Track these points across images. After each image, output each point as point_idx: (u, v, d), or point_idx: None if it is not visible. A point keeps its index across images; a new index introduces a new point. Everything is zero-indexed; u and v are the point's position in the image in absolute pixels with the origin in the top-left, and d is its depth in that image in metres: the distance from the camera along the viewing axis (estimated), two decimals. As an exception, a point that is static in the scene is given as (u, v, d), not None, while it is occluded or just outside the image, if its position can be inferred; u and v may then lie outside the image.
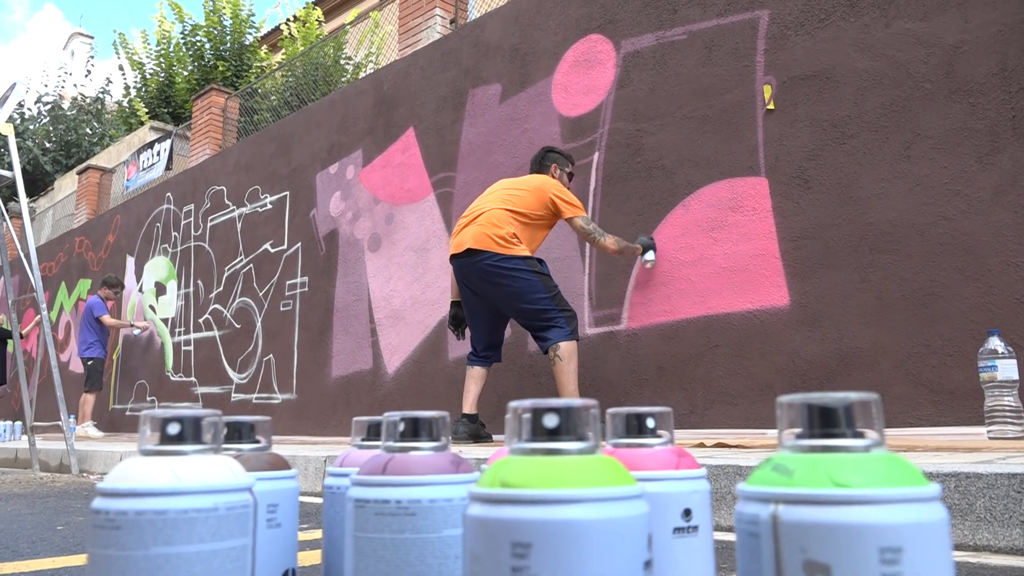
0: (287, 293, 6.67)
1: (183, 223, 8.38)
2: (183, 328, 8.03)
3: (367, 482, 0.71)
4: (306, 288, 6.48)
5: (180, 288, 8.21)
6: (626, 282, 4.26)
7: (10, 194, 10.94)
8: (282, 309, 6.68)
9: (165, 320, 8.35)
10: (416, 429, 0.74)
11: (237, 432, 0.87)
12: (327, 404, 6.05)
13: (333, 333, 6.10)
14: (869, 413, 0.54)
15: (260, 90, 9.67)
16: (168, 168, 10.06)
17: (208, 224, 7.95)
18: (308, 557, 1.56)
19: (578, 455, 0.54)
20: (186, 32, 12.95)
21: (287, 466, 0.87)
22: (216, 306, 7.57)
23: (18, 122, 17.09)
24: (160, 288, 8.59)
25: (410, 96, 5.85)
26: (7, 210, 6.80)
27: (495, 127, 5.14)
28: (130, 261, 9.32)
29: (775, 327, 3.65)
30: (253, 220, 7.29)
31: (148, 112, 13.01)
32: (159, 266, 8.68)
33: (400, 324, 5.54)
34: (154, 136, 11.16)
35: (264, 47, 13.98)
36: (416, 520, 0.68)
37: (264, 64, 13.14)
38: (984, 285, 3.11)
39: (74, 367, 9.62)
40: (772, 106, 3.81)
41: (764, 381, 3.64)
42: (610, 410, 0.77)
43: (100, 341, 8.13)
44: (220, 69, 12.61)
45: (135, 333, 8.64)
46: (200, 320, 7.78)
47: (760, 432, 3.54)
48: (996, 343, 2.63)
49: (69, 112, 17.51)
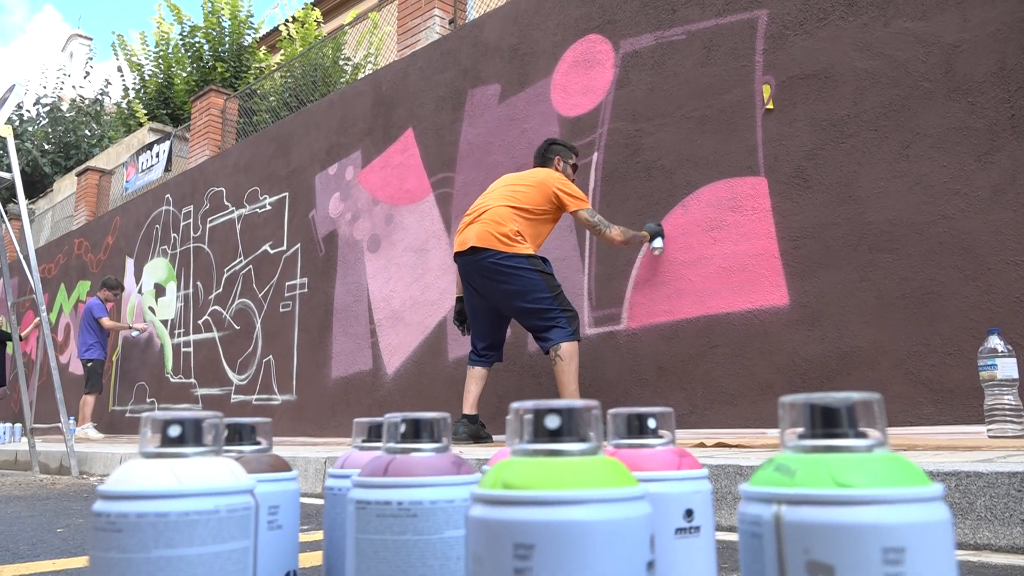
0: (287, 294, 6.67)
1: (182, 224, 8.37)
2: (182, 329, 8.03)
3: (368, 484, 0.71)
4: (305, 289, 6.48)
5: (179, 289, 8.21)
6: (626, 282, 4.26)
7: (9, 196, 10.94)
8: (282, 310, 6.68)
9: (164, 321, 8.35)
10: (417, 430, 0.74)
11: (238, 434, 0.87)
12: (327, 405, 6.05)
13: (333, 334, 6.10)
14: (871, 413, 0.54)
15: (259, 91, 9.67)
16: (167, 169, 10.06)
17: (207, 225, 7.95)
18: (309, 558, 1.56)
19: (580, 456, 0.54)
20: (185, 33, 12.95)
21: (288, 468, 0.87)
22: (215, 307, 7.57)
23: (17, 124, 17.08)
24: (159, 289, 8.59)
25: (409, 97, 5.85)
26: (6, 212, 6.79)
27: (494, 127, 5.14)
28: (129, 263, 9.31)
29: (775, 327, 3.65)
30: (252, 221, 7.29)
31: (147, 113, 13.00)
32: (158, 267, 8.68)
33: (400, 325, 5.54)
34: (153, 137, 11.16)
35: (263, 48, 13.98)
36: (418, 521, 0.68)
37: (263, 65, 13.14)
38: (983, 284, 3.11)
39: (74, 369, 9.62)
40: (771, 106, 3.81)
41: (764, 381, 3.64)
42: (611, 411, 0.77)
43: (100, 343, 8.14)
44: (219, 70, 12.61)
45: (134, 335, 8.64)
46: (199, 321, 7.78)
47: (760, 432, 3.54)
48: (996, 342, 2.63)
49: (68, 114, 17.51)
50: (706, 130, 4.04)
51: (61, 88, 18.92)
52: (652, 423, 0.77)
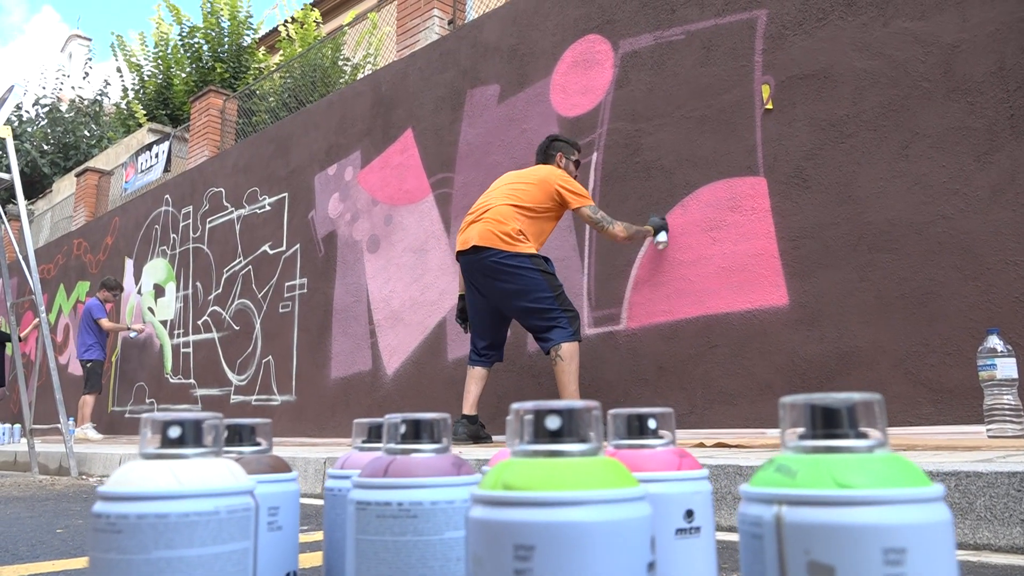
0: (286, 295, 6.67)
1: (182, 225, 8.37)
2: (182, 330, 8.03)
3: (368, 484, 0.71)
4: (305, 289, 6.48)
5: (179, 290, 8.20)
6: (625, 282, 4.26)
7: (8, 196, 10.93)
8: (281, 311, 6.68)
9: (164, 322, 8.35)
10: (417, 431, 0.74)
11: (238, 435, 0.87)
12: (326, 405, 6.05)
13: (332, 334, 6.10)
14: (872, 413, 0.54)
15: (258, 92, 9.66)
16: (166, 170, 10.05)
17: (207, 226, 7.94)
18: (308, 559, 1.56)
19: (580, 457, 0.54)
20: (184, 34, 12.95)
21: (288, 469, 0.87)
22: (215, 308, 7.57)
23: (16, 124, 17.07)
24: (159, 290, 8.58)
25: (408, 97, 5.85)
26: (5, 213, 6.79)
27: (493, 128, 5.14)
28: (129, 263, 9.31)
29: (774, 327, 3.65)
30: (252, 222, 7.28)
31: (146, 114, 13.00)
32: (158, 268, 8.68)
33: (399, 325, 5.54)
34: (152, 138, 11.15)
35: (262, 48, 13.98)
36: (418, 522, 0.68)
37: (262, 66, 13.14)
38: (983, 284, 3.11)
39: (73, 369, 9.62)
40: (770, 106, 3.81)
41: (763, 381, 3.64)
42: (611, 411, 0.77)
43: (99, 343, 8.13)
44: (218, 71, 12.60)
45: (131, 336, 8.65)
46: (199, 322, 7.78)
47: (760, 432, 3.54)
48: (995, 342, 2.63)
49: (67, 114, 17.51)
50: (705, 130, 4.04)
51: (60, 89, 18.92)
52: (652, 424, 0.77)
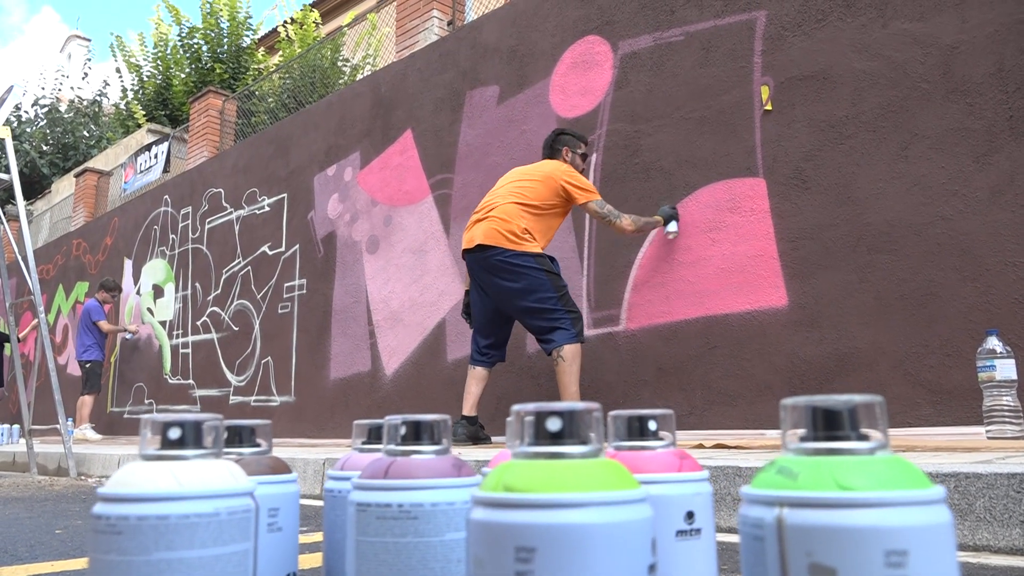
0: (285, 295, 6.66)
1: (181, 225, 8.37)
2: (181, 331, 8.02)
3: (369, 486, 0.71)
4: (304, 290, 6.47)
5: (178, 291, 8.20)
6: (625, 283, 4.26)
7: (7, 197, 10.92)
8: (280, 311, 6.68)
9: (163, 323, 8.34)
10: (417, 433, 0.74)
11: (238, 436, 0.87)
12: (326, 406, 6.04)
13: (331, 335, 6.10)
14: (873, 415, 0.54)
15: (257, 92, 9.66)
16: (166, 171, 10.05)
17: (206, 226, 7.94)
18: (307, 560, 1.56)
19: (581, 459, 0.54)
20: (183, 34, 12.95)
21: (288, 470, 0.87)
22: (214, 308, 7.56)
23: (15, 125, 17.06)
24: (158, 291, 8.58)
25: (408, 98, 5.85)
26: (4, 213, 6.77)
27: (493, 128, 5.14)
28: (128, 264, 9.30)
29: (774, 328, 3.65)
30: (251, 222, 7.28)
31: (145, 115, 12.99)
32: (157, 269, 8.67)
33: (399, 326, 5.53)
34: (151, 139, 11.15)
35: (261, 49, 13.97)
36: (418, 524, 0.68)
37: (261, 66, 13.14)
38: (982, 285, 3.11)
39: (72, 370, 9.61)
40: (770, 107, 3.82)
41: (763, 382, 3.64)
42: (612, 413, 0.77)
43: (98, 344, 8.13)
44: (217, 71, 12.60)
45: (128, 337, 8.64)
46: (198, 322, 7.77)
47: (759, 433, 3.54)
48: (994, 343, 2.63)
49: (66, 115, 17.50)
50: (705, 131, 4.04)
51: (59, 89, 18.91)
52: (652, 425, 0.77)
